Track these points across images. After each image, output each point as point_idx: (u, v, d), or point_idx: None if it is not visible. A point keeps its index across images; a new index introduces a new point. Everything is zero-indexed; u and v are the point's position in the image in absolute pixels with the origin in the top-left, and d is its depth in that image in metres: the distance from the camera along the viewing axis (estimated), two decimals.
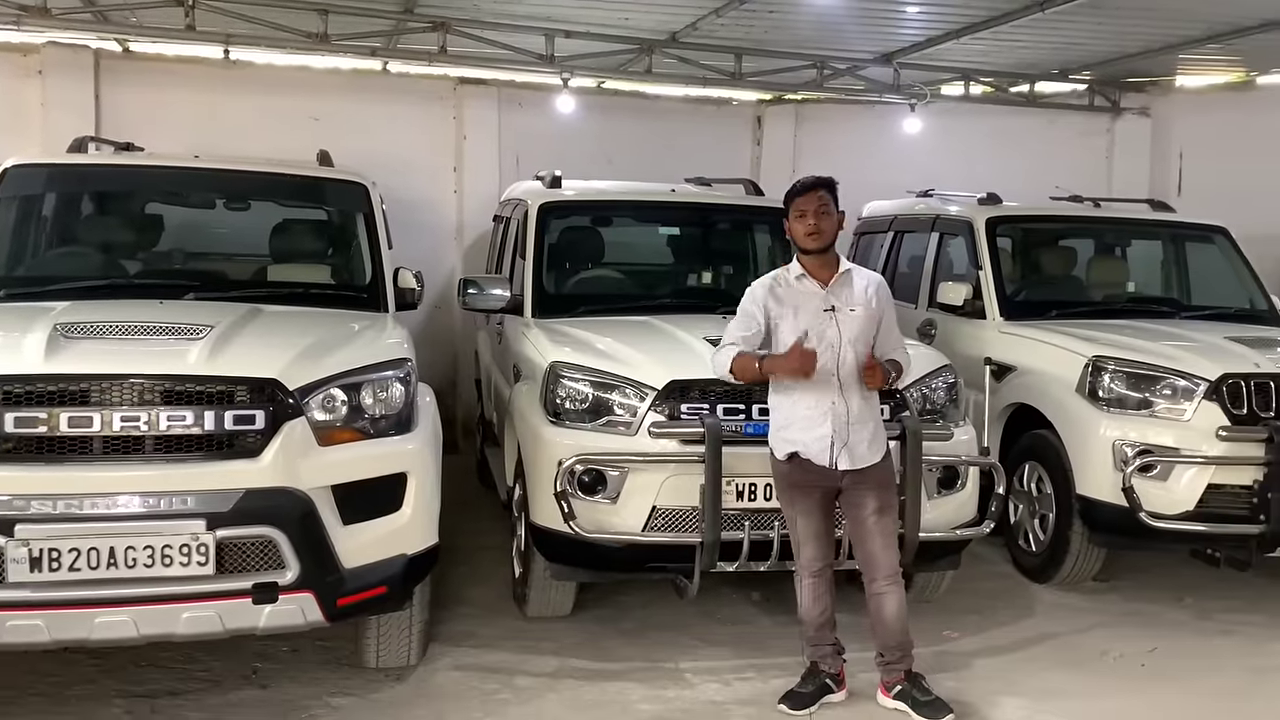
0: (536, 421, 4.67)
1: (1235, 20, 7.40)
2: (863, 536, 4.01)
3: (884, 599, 4.01)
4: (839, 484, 3.97)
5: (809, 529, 4.04)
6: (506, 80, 8.72)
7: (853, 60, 8.64)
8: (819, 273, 4.02)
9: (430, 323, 8.65)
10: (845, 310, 3.98)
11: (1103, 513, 5.14)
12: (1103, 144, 9.73)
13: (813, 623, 4.13)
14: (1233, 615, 5.24)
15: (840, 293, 4.00)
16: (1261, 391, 5.03)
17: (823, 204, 3.98)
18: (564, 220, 6.16)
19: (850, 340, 3.95)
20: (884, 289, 4.13)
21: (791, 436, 3.99)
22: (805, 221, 3.98)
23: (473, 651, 4.61)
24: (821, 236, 3.97)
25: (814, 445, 3.94)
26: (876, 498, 3.97)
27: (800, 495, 4.03)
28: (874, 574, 4.02)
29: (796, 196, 4.04)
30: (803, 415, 3.96)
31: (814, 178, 4.07)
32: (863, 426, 3.96)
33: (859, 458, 3.94)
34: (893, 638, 4.04)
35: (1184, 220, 7.19)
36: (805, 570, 4.09)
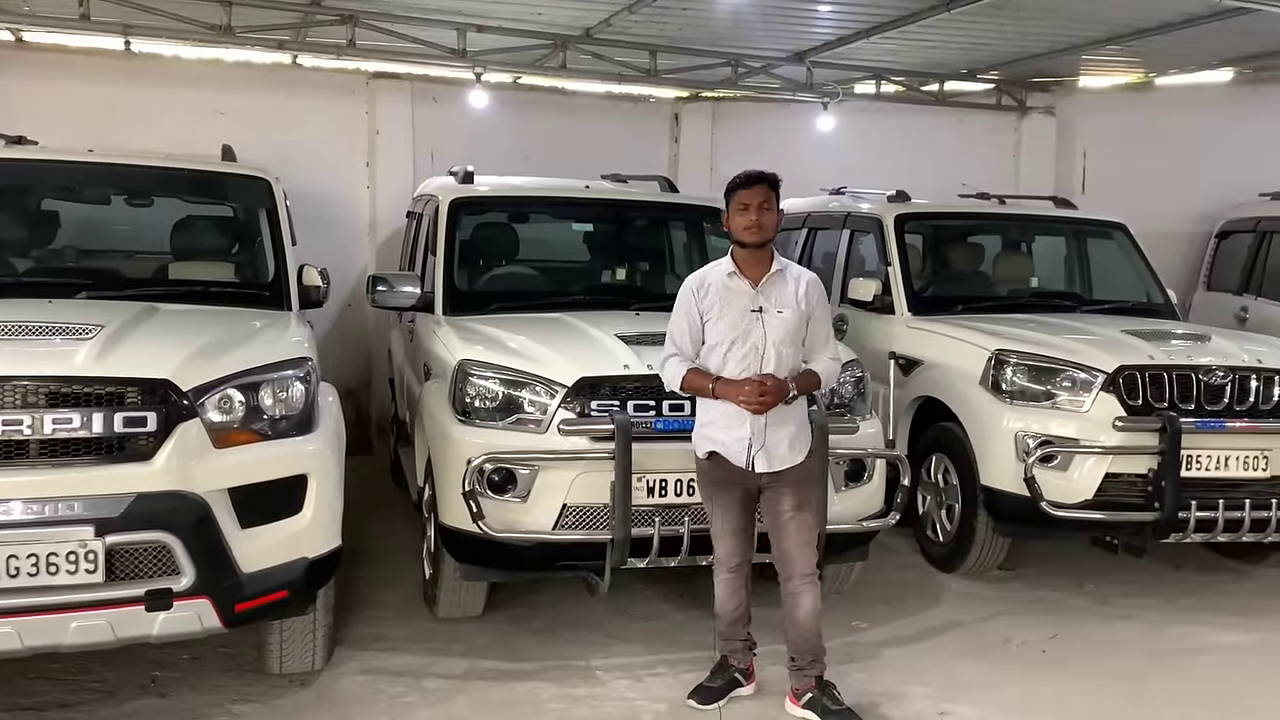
0: (445, 420, 4.62)
1: (1134, 22, 7.61)
2: (779, 534, 4.00)
3: (798, 598, 3.99)
4: (758, 483, 3.97)
5: (726, 525, 4.04)
6: (420, 75, 8.60)
7: (766, 59, 8.71)
8: (750, 270, 3.95)
9: (343, 321, 8.52)
10: (773, 312, 3.92)
11: (1006, 502, 5.25)
12: (1010, 142, 9.95)
13: (726, 617, 4.14)
14: (1131, 600, 5.40)
15: (770, 293, 3.94)
16: (1155, 383, 5.19)
17: (766, 199, 3.91)
18: (476, 216, 6.10)
19: (775, 343, 3.90)
20: (816, 288, 4.04)
21: (712, 435, 3.98)
22: (746, 215, 3.90)
23: (380, 655, 4.54)
24: (761, 231, 3.89)
25: (732, 446, 3.92)
26: (794, 495, 3.96)
27: (719, 492, 4.03)
28: (789, 572, 4.00)
29: (740, 189, 3.95)
30: (723, 415, 3.93)
31: (758, 172, 3.97)
32: (782, 428, 3.93)
33: (778, 459, 3.92)
34: (804, 640, 4.01)
35: (1085, 217, 7.39)
36: (722, 565, 4.10)
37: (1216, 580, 5.72)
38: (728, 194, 4.01)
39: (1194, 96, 9.71)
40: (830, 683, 4.05)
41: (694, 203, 6.76)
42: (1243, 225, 8.62)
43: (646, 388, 4.52)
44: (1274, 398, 5.28)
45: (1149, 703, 4.26)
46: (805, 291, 3.98)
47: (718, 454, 3.96)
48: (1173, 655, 4.74)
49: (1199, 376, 5.21)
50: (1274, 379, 5.30)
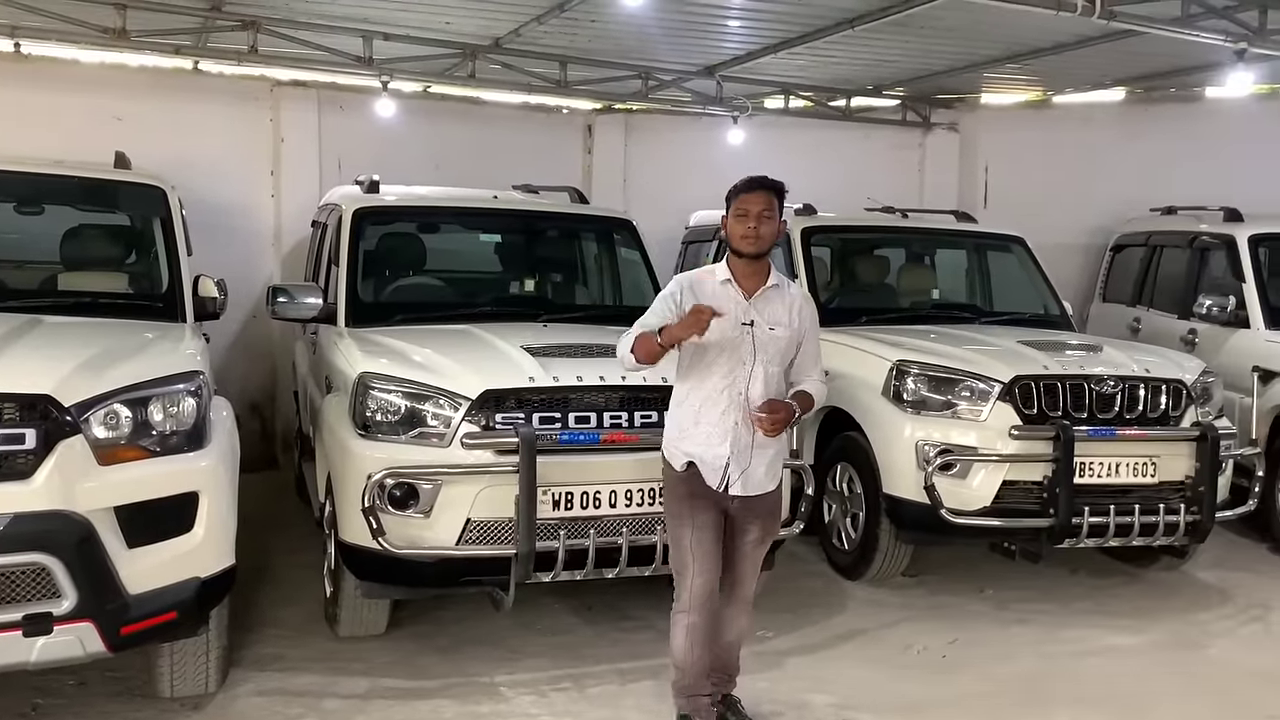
0: (345, 434, 4.53)
1: (1030, 43, 7.86)
2: (735, 560, 3.79)
3: (733, 621, 3.88)
4: (729, 505, 3.72)
5: (702, 546, 3.67)
6: (327, 82, 8.46)
7: (677, 72, 8.78)
8: (746, 281, 3.71)
9: (247, 333, 8.32)
10: (764, 328, 3.69)
11: (908, 510, 5.34)
12: (915, 157, 10.18)
13: (688, 669, 3.77)
14: (1028, 605, 5.53)
15: (763, 308, 3.70)
16: (1050, 392, 5.33)
17: (768, 207, 3.65)
18: (381, 226, 6.02)
19: (764, 360, 3.67)
20: (810, 308, 3.86)
21: (689, 449, 3.71)
22: (745, 223, 3.64)
23: (278, 675, 4.42)
24: (759, 241, 3.65)
25: (709, 464, 3.67)
26: (760, 529, 3.78)
27: (697, 509, 3.69)
28: (733, 597, 3.85)
29: (741, 193, 3.69)
30: (703, 431, 3.68)
31: (764, 177, 3.72)
32: (764, 452, 3.70)
33: (754, 484, 3.69)
34: (724, 658, 3.94)
35: (985, 230, 7.59)
36: (689, 603, 3.69)
37: (1109, 584, 5.90)
38: (729, 198, 3.74)
39: (1089, 114, 10.07)
40: (737, 699, 4.03)
41: (603, 214, 6.78)
42: (1135, 239, 8.92)
43: (552, 400, 4.51)
44: (1161, 406, 5.47)
45: (1044, 704, 4.37)
46: (800, 310, 3.78)
47: (695, 467, 3.70)
48: (1067, 657, 4.87)
49: (1091, 386, 5.37)
50: (1161, 388, 5.49)
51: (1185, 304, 7.70)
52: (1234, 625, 5.36)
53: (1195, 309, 7.37)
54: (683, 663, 3.77)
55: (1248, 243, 7.30)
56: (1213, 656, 4.95)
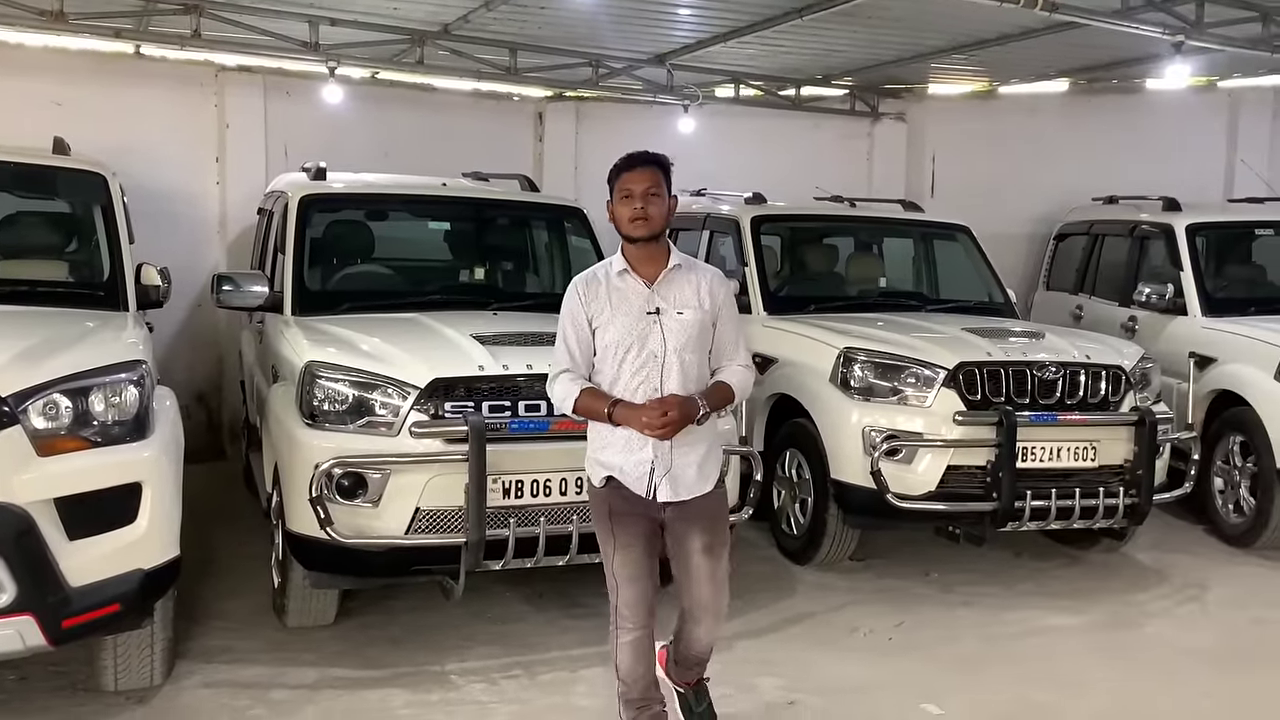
0: (292, 424, 4.49)
1: (975, 33, 7.96)
2: (689, 579, 3.50)
3: (702, 634, 3.63)
4: (660, 516, 3.44)
5: (627, 569, 3.42)
6: (274, 68, 8.33)
7: (627, 60, 8.76)
8: (644, 267, 3.43)
9: (193, 322, 8.20)
10: (672, 313, 3.40)
11: (855, 495, 5.42)
12: (864, 147, 10.27)
13: (636, 682, 3.54)
14: (973, 587, 5.63)
15: (667, 292, 3.42)
16: (993, 378, 5.43)
17: (653, 184, 3.36)
18: (327, 214, 5.97)
19: (676, 349, 3.39)
20: (722, 285, 3.53)
21: (608, 460, 3.44)
22: (631, 204, 3.36)
23: (226, 667, 4.39)
24: (649, 223, 3.35)
25: (631, 471, 3.39)
26: (703, 533, 3.45)
27: (620, 527, 3.42)
28: (699, 616, 3.58)
29: (622, 172, 3.40)
30: (621, 437, 3.39)
31: (644, 153, 3.41)
32: (691, 450, 3.41)
33: (684, 487, 3.40)
34: (693, 655, 3.74)
35: (931, 220, 7.69)
36: (627, 624, 3.46)
37: (1052, 566, 6.02)
38: (610, 180, 3.45)
39: (1034, 105, 10.22)
40: (706, 688, 3.86)
41: (553, 202, 6.77)
42: (1077, 228, 9.08)
43: (501, 388, 4.51)
44: (1101, 392, 5.58)
45: (986, 682, 4.46)
46: (710, 289, 3.47)
47: (616, 479, 3.43)
48: (1009, 638, 4.97)
49: (1033, 372, 5.47)
50: (1101, 374, 5.61)
51: (1126, 292, 7.85)
52: (1170, 605, 5.50)
53: (1135, 297, 7.51)
54: (629, 677, 3.55)
55: (1185, 232, 7.45)
56: (1149, 635, 5.09)
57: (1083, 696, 4.35)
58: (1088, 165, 9.78)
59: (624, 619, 3.49)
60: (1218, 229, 7.77)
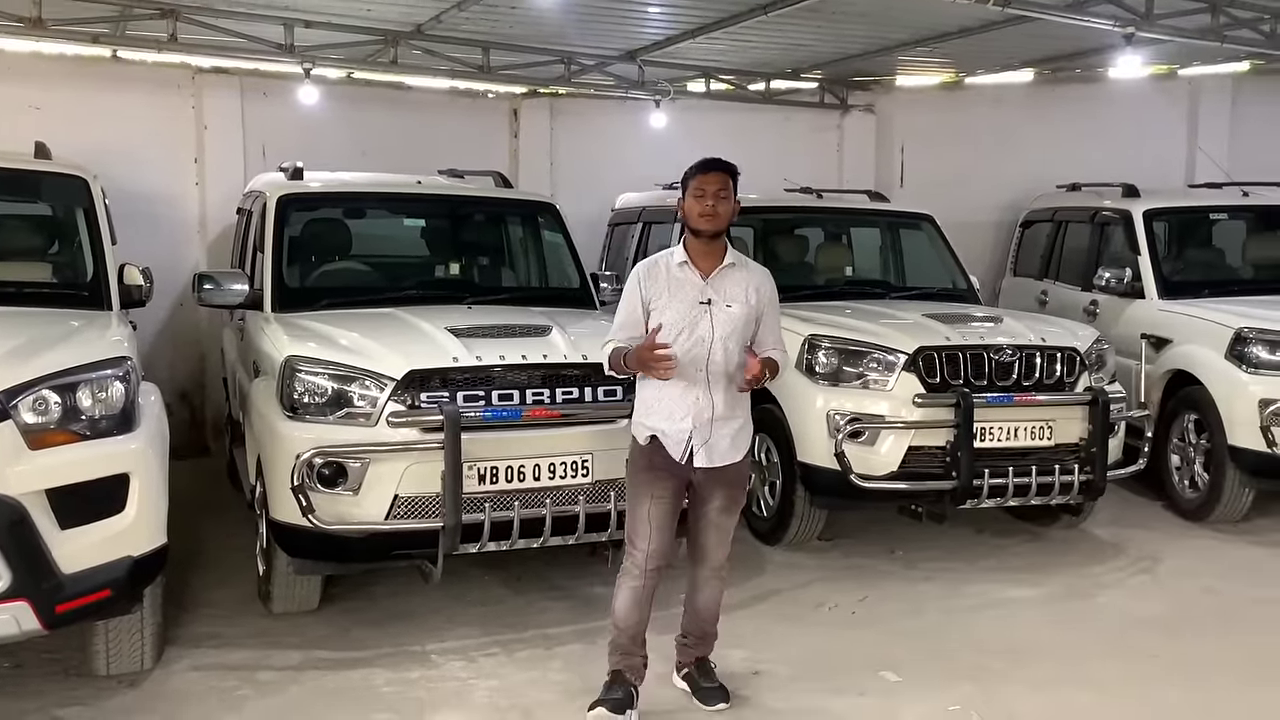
0: (273, 416, 4.66)
1: (938, 27, 8.14)
2: (701, 528, 3.98)
3: (705, 587, 4.08)
4: (691, 477, 3.88)
5: (657, 516, 3.85)
6: (250, 69, 8.46)
7: (599, 57, 8.92)
8: (702, 261, 3.85)
9: (175, 320, 8.34)
10: (721, 305, 3.83)
11: (820, 477, 5.61)
12: (833, 139, 10.45)
13: (627, 629, 3.93)
14: (935, 563, 5.84)
15: (720, 286, 3.85)
16: (951, 362, 5.63)
17: (723, 187, 3.82)
18: (305, 212, 6.12)
19: (722, 337, 3.81)
20: (769, 285, 3.98)
21: (653, 424, 3.87)
22: (703, 201, 3.81)
23: (213, 652, 4.56)
24: (716, 219, 3.80)
25: (672, 438, 3.83)
26: (725, 495, 3.92)
27: (656, 480, 3.86)
28: (701, 564, 4.04)
29: (698, 174, 3.86)
30: (666, 406, 3.84)
31: (718, 159, 3.90)
32: (726, 424, 3.86)
33: (718, 455, 3.84)
34: (699, 625, 4.13)
35: (896, 209, 7.90)
36: (636, 569, 3.87)
37: (1012, 543, 6.23)
38: (685, 180, 3.91)
39: (1000, 95, 10.43)
40: (711, 663, 4.19)
41: (526, 198, 6.95)
42: (1042, 215, 9.28)
43: (475, 378, 4.69)
44: (1057, 373, 5.79)
45: (945, 651, 4.67)
46: (757, 287, 3.91)
47: (658, 440, 3.86)
48: (968, 611, 5.18)
49: (990, 355, 5.68)
50: (1056, 356, 5.81)
51: (1087, 276, 8.04)
52: (1124, 576, 5.72)
53: (1095, 281, 7.69)
54: (622, 622, 3.93)
55: (1143, 217, 7.66)
56: (1102, 605, 5.30)
57: (1034, 661, 4.56)
58: (1053, 153, 9.99)
59: (635, 565, 3.89)
60: (1174, 214, 7.99)
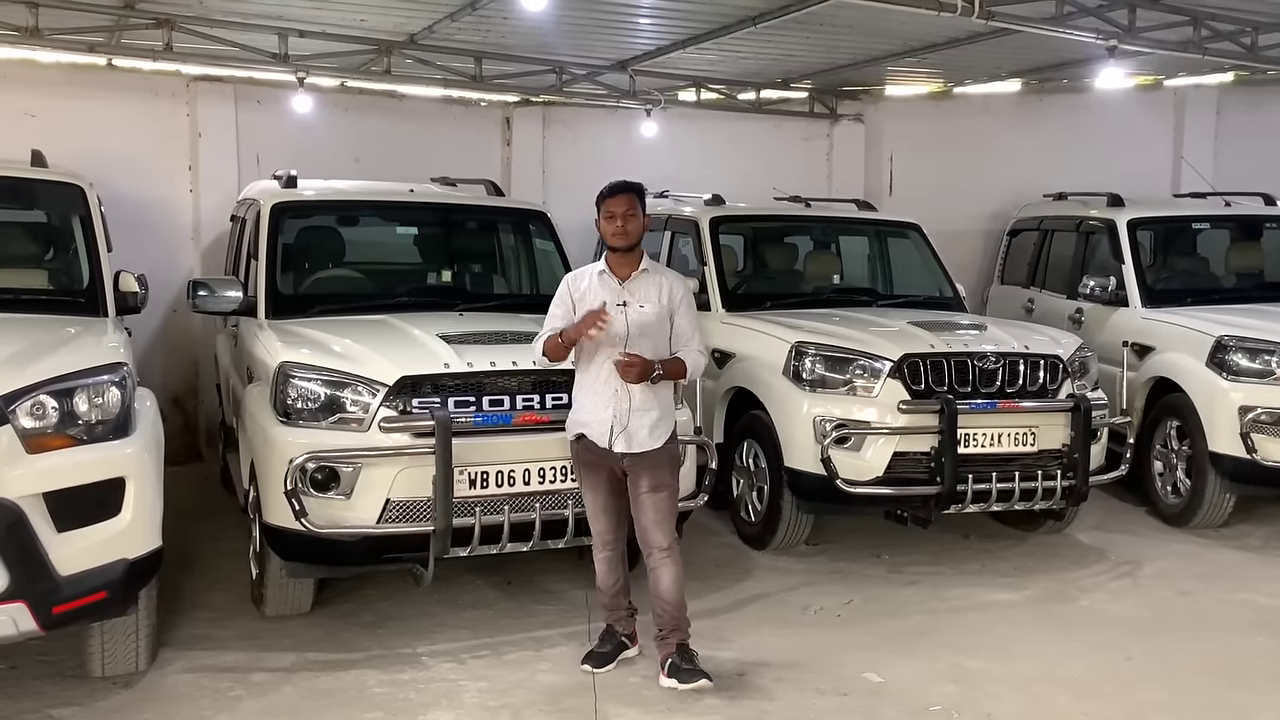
0: (267, 422, 4.73)
1: (925, 38, 8.25)
2: (638, 512, 4.36)
3: (659, 572, 4.35)
4: (620, 465, 4.32)
5: (596, 504, 4.43)
6: (244, 78, 8.53)
7: (590, 67, 9.01)
8: (620, 270, 4.37)
9: (169, 327, 8.40)
10: (635, 306, 4.31)
11: (807, 482, 5.69)
12: (823, 148, 10.56)
13: (607, 590, 4.53)
14: (920, 567, 5.93)
15: (635, 289, 4.34)
16: (936, 369, 5.72)
17: (630, 207, 4.33)
18: (299, 220, 6.19)
19: (637, 335, 4.29)
20: (681, 287, 4.47)
21: (580, 418, 4.39)
22: (614, 222, 4.32)
23: (207, 654, 4.62)
24: (627, 236, 4.32)
25: (596, 429, 4.31)
26: (650, 477, 4.31)
27: (588, 473, 4.42)
28: (649, 548, 4.37)
29: (607, 198, 4.37)
30: (589, 401, 4.34)
31: (623, 182, 4.41)
32: (644, 415, 4.30)
33: (637, 443, 4.28)
34: (666, 611, 4.35)
35: (883, 218, 7.99)
36: (598, 543, 4.48)
37: (997, 547, 6.32)
38: (598, 203, 4.41)
39: (987, 105, 10.55)
40: (692, 650, 4.38)
41: (517, 206, 7.04)
42: (1029, 224, 9.39)
43: (467, 384, 4.77)
44: (1040, 380, 5.88)
45: (925, 652, 4.74)
46: (670, 289, 4.41)
47: (585, 436, 4.35)
48: (950, 613, 5.26)
49: (974, 362, 5.77)
50: (1039, 363, 5.91)
51: (1073, 285, 8.14)
52: (1105, 580, 5.80)
53: (1080, 289, 7.80)
54: (603, 583, 4.54)
55: (1127, 226, 7.76)
56: (1083, 607, 5.39)
57: (1012, 661, 4.64)
58: (1040, 163, 10.09)
59: (600, 541, 4.48)
60: (1158, 223, 8.10)
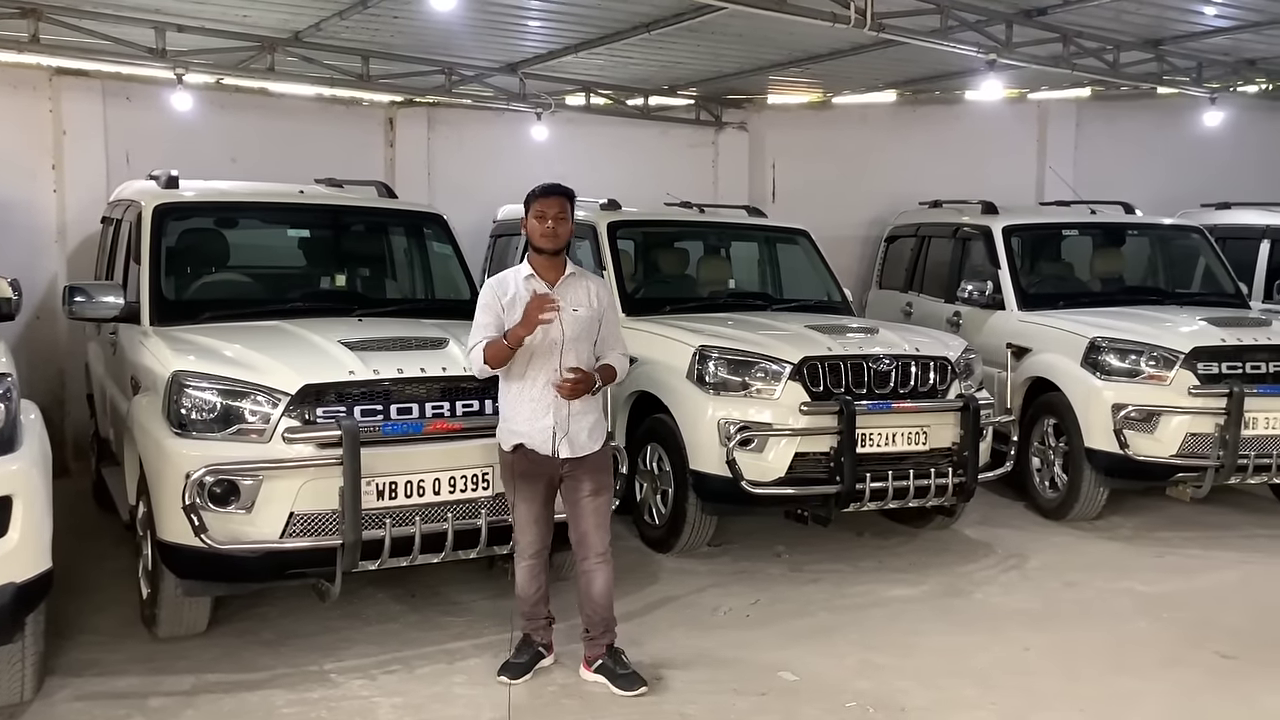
0: (160, 434, 4.50)
1: (810, 49, 8.48)
2: (578, 517, 4.34)
3: (594, 576, 4.35)
4: (560, 471, 4.27)
5: (530, 514, 4.32)
6: (113, 73, 8.13)
7: (479, 68, 8.93)
8: (547, 274, 4.28)
9: (32, 335, 7.93)
10: (569, 310, 4.22)
11: (712, 484, 5.75)
12: (709, 154, 10.72)
13: (528, 599, 4.45)
14: (819, 565, 6.06)
15: (566, 294, 4.25)
16: (834, 371, 5.86)
17: (562, 210, 4.25)
18: (182, 222, 5.91)
19: (572, 338, 4.23)
20: (607, 291, 4.48)
21: (516, 428, 4.27)
22: (544, 223, 4.23)
23: (98, 679, 4.38)
24: (556, 239, 4.24)
25: (537, 436, 4.22)
26: (592, 481, 4.30)
27: (524, 483, 4.30)
28: (586, 552, 4.35)
29: (539, 198, 4.27)
30: (528, 408, 4.23)
31: (556, 184, 4.33)
32: (583, 418, 4.28)
33: (579, 446, 4.25)
34: (598, 612, 4.38)
35: (773, 224, 8.15)
36: (524, 553, 4.38)
37: (891, 543, 6.51)
38: (527, 203, 4.31)
39: (865, 115, 10.89)
40: (620, 649, 4.42)
41: (414, 209, 6.89)
42: (906, 231, 9.73)
43: (373, 392, 4.63)
44: (930, 381, 6.09)
45: (837, 650, 4.85)
46: (598, 293, 4.39)
47: (523, 446, 4.25)
48: (854, 610, 5.40)
49: (869, 365, 5.93)
50: (929, 365, 6.11)
51: (950, 289, 8.47)
52: (995, 574, 6.04)
53: (959, 293, 8.11)
54: (523, 592, 4.44)
55: (1002, 233, 8.11)
56: (978, 600, 5.60)
57: (917, 656, 4.79)
58: (915, 171, 10.48)
59: (524, 551, 4.38)
60: (1031, 230, 8.48)
